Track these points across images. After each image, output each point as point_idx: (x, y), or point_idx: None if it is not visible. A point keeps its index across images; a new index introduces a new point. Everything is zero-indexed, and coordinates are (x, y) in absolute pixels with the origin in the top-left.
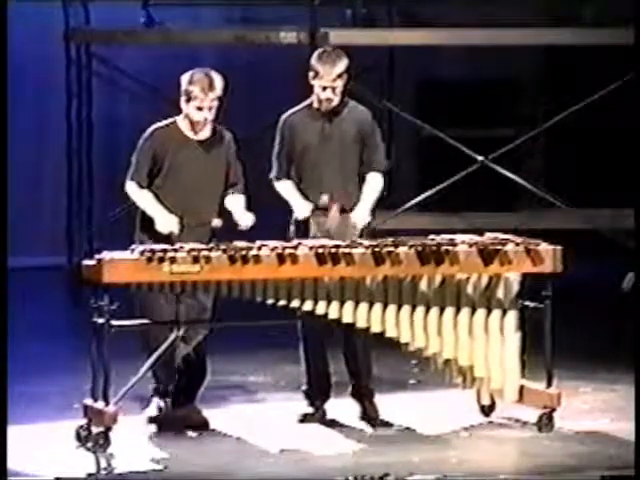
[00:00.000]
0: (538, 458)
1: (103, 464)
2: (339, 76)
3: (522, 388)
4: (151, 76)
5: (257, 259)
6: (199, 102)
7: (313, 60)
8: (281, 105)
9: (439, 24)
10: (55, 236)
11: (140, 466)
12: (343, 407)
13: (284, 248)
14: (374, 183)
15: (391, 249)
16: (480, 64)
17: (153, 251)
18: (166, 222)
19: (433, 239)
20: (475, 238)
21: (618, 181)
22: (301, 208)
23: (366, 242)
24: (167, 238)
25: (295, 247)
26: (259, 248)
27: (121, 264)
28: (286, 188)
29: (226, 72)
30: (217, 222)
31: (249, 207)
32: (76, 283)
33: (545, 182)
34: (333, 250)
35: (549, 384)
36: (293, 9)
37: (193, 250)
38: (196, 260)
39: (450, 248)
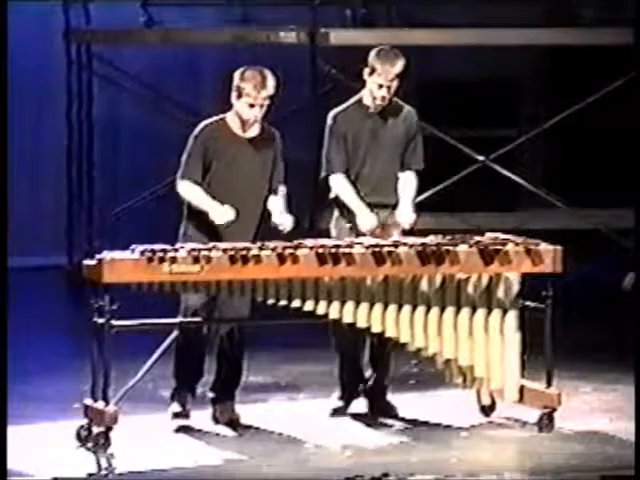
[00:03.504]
0: (538, 458)
1: (103, 464)
2: (397, 76)
3: (522, 388)
4: (151, 76)
5: (257, 259)
6: (252, 99)
7: (371, 57)
8: (281, 105)
9: (439, 24)
10: (55, 236)
11: (140, 466)
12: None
13: (284, 248)
14: (411, 182)
15: (391, 249)
16: (480, 64)
17: (153, 251)
18: (222, 212)
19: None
20: (477, 238)
21: (618, 181)
22: (367, 220)
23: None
24: (215, 233)
25: (295, 247)
26: (259, 248)
27: (121, 264)
28: (345, 189)
29: (226, 72)
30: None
31: (291, 209)
32: (76, 283)
33: (545, 182)
34: (333, 250)
35: (549, 384)
36: (293, 9)
37: (193, 250)
38: (196, 260)
39: (450, 248)
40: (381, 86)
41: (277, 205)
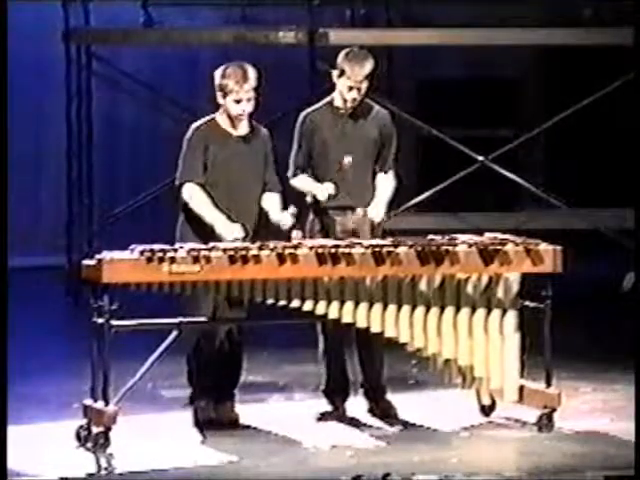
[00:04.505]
0: (538, 458)
1: (103, 464)
2: (366, 77)
3: (522, 388)
4: (151, 76)
5: (257, 259)
6: (235, 94)
7: (340, 59)
8: (280, 104)
9: (439, 24)
10: (55, 236)
11: (140, 466)
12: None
13: (284, 248)
14: (388, 181)
15: (391, 249)
16: (480, 64)
17: (153, 251)
18: (231, 229)
19: (433, 239)
20: (475, 238)
21: (618, 181)
22: (323, 189)
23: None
24: (213, 234)
25: (295, 247)
26: (259, 248)
27: (121, 264)
28: (303, 180)
29: None
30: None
31: (285, 206)
32: (76, 283)
33: (545, 182)
34: (333, 250)
35: (549, 384)
36: (292, 9)
37: (193, 250)
38: (196, 260)
39: (450, 248)
40: (351, 88)
41: (273, 203)
